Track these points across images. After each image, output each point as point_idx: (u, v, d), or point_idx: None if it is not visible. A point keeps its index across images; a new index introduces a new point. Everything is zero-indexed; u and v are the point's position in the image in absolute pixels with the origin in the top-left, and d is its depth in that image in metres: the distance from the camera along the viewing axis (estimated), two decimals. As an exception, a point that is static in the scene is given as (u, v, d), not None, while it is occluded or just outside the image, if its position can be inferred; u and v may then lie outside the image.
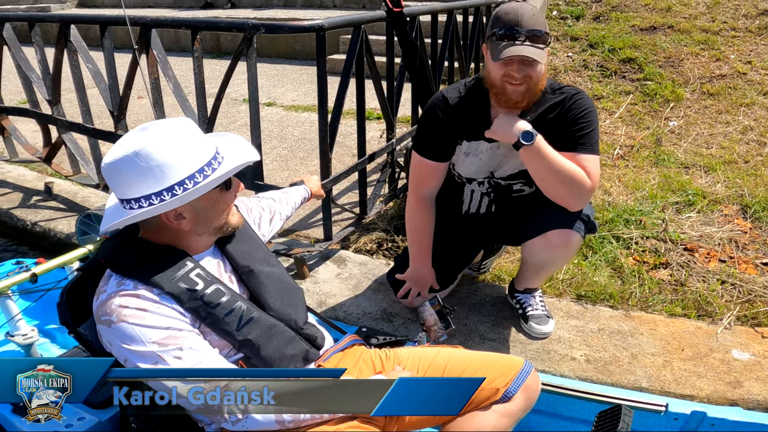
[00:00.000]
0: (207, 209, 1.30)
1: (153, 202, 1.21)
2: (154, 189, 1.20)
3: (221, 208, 1.33)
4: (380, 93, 3.00)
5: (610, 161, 3.93)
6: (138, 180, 1.20)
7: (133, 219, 1.23)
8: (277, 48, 7.50)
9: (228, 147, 1.36)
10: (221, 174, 1.26)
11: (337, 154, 4.23)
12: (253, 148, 1.40)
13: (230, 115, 5.26)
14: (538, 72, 1.84)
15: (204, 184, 1.23)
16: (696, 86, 4.73)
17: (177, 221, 1.27)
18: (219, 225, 1.35)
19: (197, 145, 1.25)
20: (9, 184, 4.00)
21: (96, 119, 3.67)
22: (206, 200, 1.28)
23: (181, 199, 1.21)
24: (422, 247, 2.23)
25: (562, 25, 5.69)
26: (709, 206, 3.29)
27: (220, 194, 1.32)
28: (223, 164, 1.29)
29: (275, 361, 1.35)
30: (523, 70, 1.81)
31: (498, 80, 1.87)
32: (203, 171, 1.24)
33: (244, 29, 2.35)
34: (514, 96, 1.87)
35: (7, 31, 3.53)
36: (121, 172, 1.20)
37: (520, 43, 1.78)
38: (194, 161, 1.23)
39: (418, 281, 2.28)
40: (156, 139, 1.20)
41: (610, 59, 5.10)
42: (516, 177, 2.09)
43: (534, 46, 1.78)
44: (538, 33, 1.78)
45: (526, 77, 1.83)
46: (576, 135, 1.91)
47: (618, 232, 3.01)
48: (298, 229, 3.21)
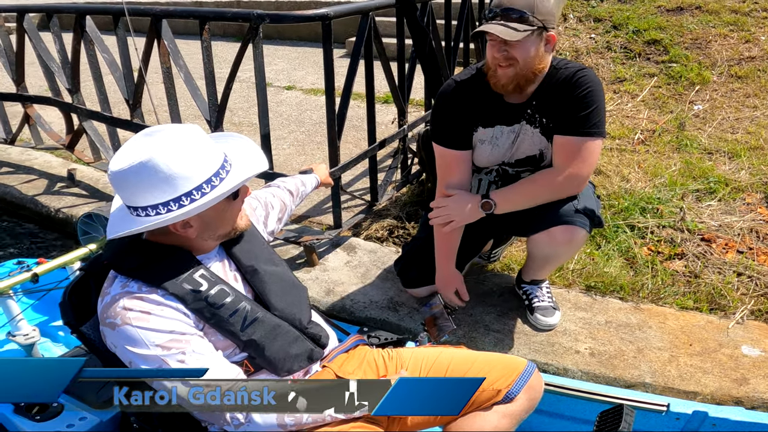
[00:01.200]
0: (214, 218, 1.29)
1: (160, 212, 1.20)
2: (162, 199, 1.19)
3: (229, 217, 1.32)
4: (390, 79, 2.97)
5: (630, 146, 3.84)
6: (145, 190, 1.19)
7: (141, 229, 1.22)
8: (299, 31, 7.49)
9: (237, 153, 1.34)
10: (230, 187, 1.24)
11: (354, 139, 4.23)
12: (262, 154, 1.39)
13: (250, 99, 5.28)
14: (525, 54, 1.79)
15: (212, 196, 1.22)
16: (723, 69, 4.56)
17: (184, 229, 1.27)
18: (225, 231, 1.34)
19: (205, 153, 1.23)
20: (35, 170, 4.11)
21: (115, 107, 3.73)
22: (213, 210, 1.27)
23: (189, 211, 1.21)
24: (449, 246, 2.15)
25: (585, 5, 5.53)
26: (731, 194, 3.20)
27: (228, 204, 1.30)
28: (231, 173, 1.27)
29: (279, 360, 1.36)
30: (504, 50, 1.79)
31: (490, 62, 1.86)
32: (211, 181, 1.22)
33: (250, 19, 2.35)
34: (502, 79, 1.85)
35: (27, 22, 3.59)
36: (128, 182, 1.19)
37: (494, 23, 1.76)
38: (202, 171, 1.21)
39: (442, 284, 2.21)
40: (164, 149, 1.18)
41: (634, 41, 4.95)
42: (524, 164, 2.06)
43: (507, 24, 1.74)
44: (517, 12, 1.75)
45: (509, 59, 1.80)
46: (578, 116, 1.87)
47: (633, 221, 2.95)
48: (311, 216, 3.23)
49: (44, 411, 1.63)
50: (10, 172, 4.12)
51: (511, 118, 1.99)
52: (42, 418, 1.61)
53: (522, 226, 2.14)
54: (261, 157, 1.37)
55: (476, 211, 1.99)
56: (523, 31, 1.75)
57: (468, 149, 2.05)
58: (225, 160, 1.27)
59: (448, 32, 3.54)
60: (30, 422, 1.60)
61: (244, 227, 1.38)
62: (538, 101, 1.94)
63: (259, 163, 1.35)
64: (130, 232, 1.23)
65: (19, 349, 1.89)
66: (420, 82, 3.80)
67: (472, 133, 2.04)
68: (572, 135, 1.88)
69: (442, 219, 2.04)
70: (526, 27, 1.75)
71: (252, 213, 1.61)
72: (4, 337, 1.91)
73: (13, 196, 3.83)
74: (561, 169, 1.91)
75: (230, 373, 1.25)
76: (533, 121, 1.97)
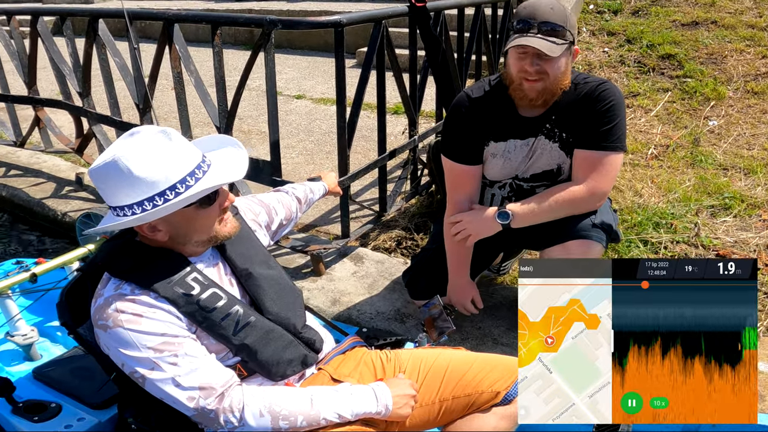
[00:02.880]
0: (184, 225, 1.26)
1: (126, 213, 1.20)
2: (127, 201, 1.19)
3: (201, 224, 1.28)
4: (402, 89, 2.95)
5: (643, 161, 3.79)
6: (112, 191, 1.19)
7: (109, 227, 1.24)
8: (309, 40, 7.51)
9: (218, 159, 1.31)
10: (192, 194, 1.20)
11: (363, 149, 4.20)
12: (245, 163, 1.33)
13: (260, 107, 5.28)
14: (556, 69, 1.77)
15: (173, 202, 1.19)
16: (739, 84, 4.51)
17: (152, 233, 1.25)
18: (203, 239, 1.31)
19: (174, 159, 1.20)
20: (44, 174, 4.12)
21: (125, 112, 3.73)
22: (181, 216, 1.24)
23: (148, 216, 1.19)
24: (460, 258, 2.12)
25: (599, 19, 5.51)
26: (746, 210, 3.14)
27: (198, 211, 1.26)
28: (201, 181, 1.23)
29: (272, 365, 1.34)
30: (537, 64, 1.76)
31: (515, 76, 1.82)
32: (176, 188, 1.19)
33: (262, 25, 2.33)
34: (530, 93, 1.81)
35: (40, 25, 3.61)
36: (98, 180, 1.21)
37: (532, 35, 1.72)
38: (168, 177, 1.18)
39: (456, 294, 2.18)
40: (131, 152, 1.17)
41: (649, 55, 4.92)
42: (539, 178, 2.02)
43: (546, 38, 1.72)
44: (553, 26, 1.72)
45: (541, 73, 1.77)
46: (600, 131, 1.85)
47: (647, 236, 2.89)
48: (318, 225, 3.20)
49: (42, 411, 1.61)
50: (19, 174, 4.13)
51: (525, 131, 1.96)
52: (40, 419, 1.59)
53: (536, 239, 2.09)
54: (240, 165, 1.32)
55: (494, 224, 1.96)
56: (561, 45, 1.73)
57: (479, 164, 2.03)
58: (198, 167, 1.23)
59: (461, 44, 3.52)
60: (28, 423, 1.58)
61: (228, 234, 1.33)
62: (558, 115, 1.91)
63: (234, 173, 1.29)
64: (104, 228, 1.25)
65: (17, 349, 1.87)
66: (430, 94, 3.78)
67: (483, 147, 2.01)
68: (594, 149, 1.85)
69: (462, 235, 2.02)
70: (562, 41, 1.74)
71: (255, 218, 1.59)
72: (3, 337, 1.89)
73: (21, 199, 3.82)
74: (581, 183, 1.88)
75: (223, 377, 1.24)
76: (552, 136, 1.94)
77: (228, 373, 1.26)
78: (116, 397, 1.58)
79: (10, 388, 1.58)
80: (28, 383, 1.74)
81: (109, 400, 1.63)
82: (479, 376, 1.43)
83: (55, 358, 1.85)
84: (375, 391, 1.34)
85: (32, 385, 1.73)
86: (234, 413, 1.22)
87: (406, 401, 1.35)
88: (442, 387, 1.44)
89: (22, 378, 1.76)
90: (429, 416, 1.43)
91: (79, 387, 1.67)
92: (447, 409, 1.43)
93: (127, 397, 1.40)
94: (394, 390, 1.35)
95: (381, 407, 1.32)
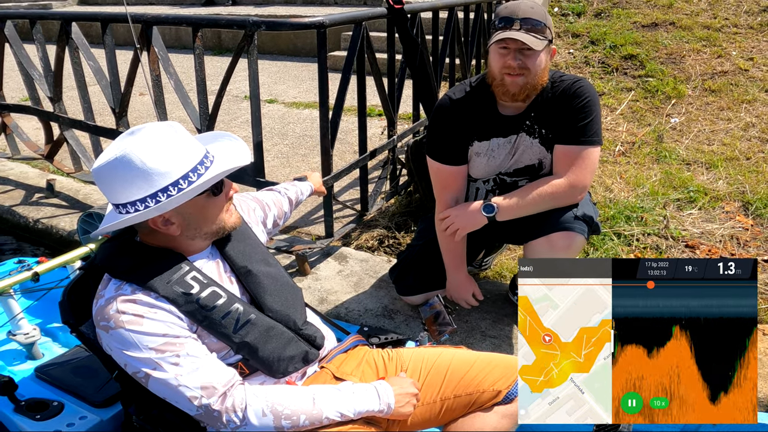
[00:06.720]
0: (195, 215, 1.28)
1: (138, 208, 1.20)
2: (139, 195, 1.19)
3: (212, 213, 1.30)
4: (381, 90, 3.00)
5: (611, 158, 3.93)
6: (123, 186, 1.19)
7: (120, 224, 1.22)
8: (278, 45, 7.50)
9: (219, 150, 1.33)
10: (205, 180, 1.22)
11: (338, 151, 4.22)
12: (247, 150, 1.36)
13: (231, 112, 5.26)
14: (537, 65, 1.85)
15: (187, 190, 1.20)
16: (698, 83, 4.72)
17: (165, 226, 1.26)
18: (212, 230, 1.32)
19: (183, 149, 1.22)
20: (11, 181, 4.01)
21: (98, 116, 3.67)
22: (193, 206, 1.26)
23: (164, 206, 1.19)
24: (455, 255, 2.19)
25: (563, 21, 5.68)
26: (710, 203, 3.29)
27: (208, 200, 1.28)
28: (210, 169, 1.26)
29: (274, 362, 1.34)
30: (520, 59, 1.83)
31: (498, 71, 1.89)
32: (188, 177, 1.21)
33: (245, 26, 2.35)
34: (512, 88, 1.88)
35: (8, 29, 3.53)
36: (106, 178, 1.20)
37: (515, 30, 1.81)
38: (179, 167, 1.20)
39: (457, 290, 2.23)
40: (141, 145, 1.18)
41: (612, 56, 5.10)
42: (522, 173, 2.09)
43: (528, 33, 1.80)
44: (534, 23, 1.81)
45: (523, 68, 1.84)
46: (577, 126, 1.93)
47: (619, 229, 3.01)
48: (300, 226, 3.22)
49: (45, 410, 1.60)
50: (-15, 183, 4.01)
51: (506, 129, 2.03)
52: (42, 417, 1.58)
53: (520, 233, 2.16)
54: (243, 153, 1.35)
55: (480, 217, 2.02)
56: (542, 40, 1.82)
57: (464, 164, 2.10)
58: (205, 156, 1.26)
59: (435, 46, 3.59)
60: (30, 421, 1.57)
61: (233, 225, 1.36)
62: (537, 112, 1.98)
63: (240, 158, 1.32)
64: (113, 227, 1.23)
65: (19, 348, 1.85)
66: (407, 95, 3.84)
67: (468, 147, 2.07)
68: (573, 144, 1.93)
69: (450, 229, 2.08)
70: (543, 37, 1.83)
71: (251, 213, 1.60)
72: (5, 336, 1.87)
73: (-10, 207, 3.72)
74: (563, 177, 1.96)
75: (225, 376, 1.24)
76: (532, 132, 2.01)
77: (230, 372, 1.26)
78: (118, 395, 1.58)
79: (13, 387, 1.56)
80: (30, 382, 1.73)
81: (111, 398, 1.62)
82: (480, 375, 1.44)
83: (57, 356, 1.83)
84: (377, 389, 1.34)
85: (34, 383, 1.72)
86: (237, 413, 1.22)
87: (408, 400, 1.36)
88: (444, 386, 1.45)
89: (24, 377, 1.75)
90: (430, 415, 1.45)
91: (81, 385, 1.67)
92: (448, 407, 1.44)
93: (129, 395, 1.40)
94: (396, 388, 1.36)
95: (383, 406, 1.33)
